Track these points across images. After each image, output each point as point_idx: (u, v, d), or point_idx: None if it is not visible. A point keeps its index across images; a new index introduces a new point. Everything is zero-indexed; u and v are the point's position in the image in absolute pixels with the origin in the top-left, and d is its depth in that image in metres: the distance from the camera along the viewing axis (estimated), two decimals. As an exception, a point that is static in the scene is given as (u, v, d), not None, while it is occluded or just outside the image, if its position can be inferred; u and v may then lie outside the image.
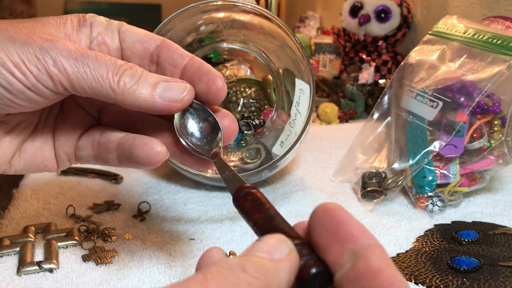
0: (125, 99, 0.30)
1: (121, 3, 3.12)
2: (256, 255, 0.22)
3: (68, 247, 0.46)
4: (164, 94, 0.31)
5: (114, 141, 0.34)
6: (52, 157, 0.36)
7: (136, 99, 0.30)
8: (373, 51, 1.12)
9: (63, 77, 0.29)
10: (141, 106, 0.31)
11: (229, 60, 0.71)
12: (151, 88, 0.30)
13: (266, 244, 0.22)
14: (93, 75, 0.29)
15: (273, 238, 0.23)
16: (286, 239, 0.23)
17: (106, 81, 0.30)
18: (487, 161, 0.54)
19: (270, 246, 0.22)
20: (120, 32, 0.34)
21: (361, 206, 0.56)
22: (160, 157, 0.32)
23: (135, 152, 0.32)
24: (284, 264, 0.21)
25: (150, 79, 0.31)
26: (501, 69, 0.52)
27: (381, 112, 0.63)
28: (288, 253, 0.22)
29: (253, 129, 0.60)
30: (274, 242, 0.22)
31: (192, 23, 0.56)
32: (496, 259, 0.44)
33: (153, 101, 0.30)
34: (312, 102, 0.55)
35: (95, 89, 0.30)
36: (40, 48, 0.29)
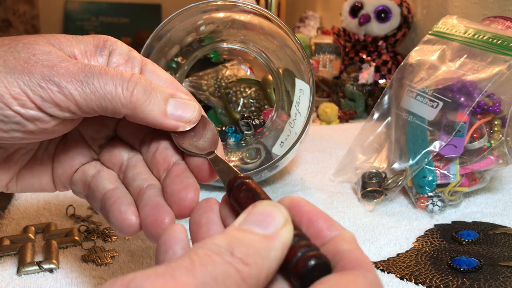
0: (135, 115, 0.29)
1: (121, 3, 3.11)
2: (247, 230, 0.21)
3: (68, 247, 0.46)
4: (175, 113, 0.30)
5: (101, 191, 0.32)
6: (50, 183, 0.34)
7: (147, 116, 0.29)
8: (373, 51, 1.12)
9: (70, 103, 0.28)
10: (151, 122, 0.29)
11: (229, 60, 0.71)
12: (163, 104, 0.29)
13: (260, 213, 0.22)
14: (101, 94, 0.28)
15: (268, 205, 0.22)
16: (281, 207, 0.22)
17: (116, 98, 0.28)
18: (487, 161, 0.54)
19: (264, 216, 0.21)
20: (143, 71, 0.32)
21: (361, 206, 0.56)
22: (132, 230, 0.30)
23: (110, 217, 0.30)
24: (277, 242, 0.21)
25: (161, 93, 0.29)
26: (501, 69, 0.52)
27: (381, 112, 0.63)
28: (282, 223, 0.21)
29: (253, 129, 0.60)
30: (268, 210, 0.22)
31: (192, 23, 0.56)
32: (496, 259, 0.44)
33: (163, 119, 0.29)
34: (312, 102, 0.55)
35: (105, 107, 0.28)
36: (42, 76, 0.27)
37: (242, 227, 0.21)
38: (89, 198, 0.33)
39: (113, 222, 0.30)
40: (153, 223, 0.29)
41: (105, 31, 3.01)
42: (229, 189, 0.26)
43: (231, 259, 0.19)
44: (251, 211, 0.22)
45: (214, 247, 0.20)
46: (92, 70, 0.28)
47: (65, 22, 3.00)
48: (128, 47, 0.32)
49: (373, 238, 0.49)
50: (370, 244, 0.47)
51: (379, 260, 0.44)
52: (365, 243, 0.48)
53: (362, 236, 0.49)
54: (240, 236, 0.21)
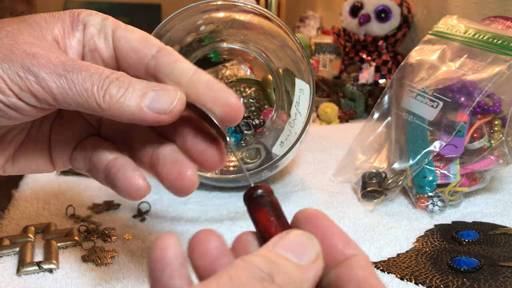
0: (113, 114, 0.28)
1: (121, 3, 3.11)
2: (283, 256, 0.21)
3: (68, 247, 0.46)
4: (153, 106, 0.28)
5: (103, 163, 0.31)
6: (48, 163, 0.34)
7: (124, 113, 0.28)
8: (373, 51, 1.12)
9: (47, 95, 0.28)
10: (130, 119, 0.28)
11: (229, 60, 0.71)
12: (139, 99, 0.28)
13: (296, 242, 0.21)
14: (78, 90, 0.27)
15: (303, 236, 0.22)
16: (314, 239, 0.22)
17: (91, 96, 0.27)
18: (487, 161, 0.54)
19: (299, 246, 0.21)
20: (114, 39, 0.31)
21: (361, 206, 0.56)
22: (140, 193, 0.30)
23: (117, 183, 0.30)
24: (309, 274, 0.21)
25: (138, 89, 0.28)
26: (501, 69, 0.52)
27: (381, 112, 0.63)
28: (315, 258, 0.21)
29: (253, 129, 0.60)
30: (304, 241, 0.21)
31: (192, 23, 0.56)
32: (496, 259, 0.44)
33: (142, 114, 0.28)
34: (312, 102, 0.55)
35: (81, 104, 0.28)
36: (22, 65, 0.27)
37: (277, 251, 0.21)
38: (92, 172, 0.33)
39: (120, 188, 0.30)
40: (177, 178, 0.29)
41: (105, 31, 3.00)
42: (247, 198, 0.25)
43: (271, 286, 0.19)
44: (284, 236, 0.22)
45: (255, 270, 0.20)
46: (73, 65, 0.28)
47: (65, 22, 3.00)
48: (103, 16, 0.32)
49: (373, 238, 0.49)
50: (370, 244, 0.47)
51: (379, 260, 0.44)
52: (365, 243, 0.48)
53: (362, 236, 0.49)
54: (278, 261, 0.20)
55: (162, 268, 0.22)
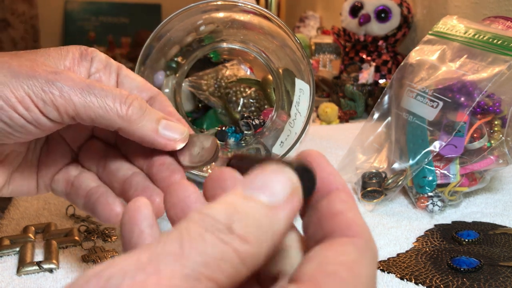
0: (130, 127, 0.31)
1: (121, 3, 3.11)
2: (250, 198, 0.18)
3: (68, 247, 0.46)
4: (165, 132, 0.32)
5: (85, 188, 0.34)
6: (34, 185, 0.36)
7: (140, 130, 0.31)
8: (373, 51, 1.12)
9: (69, 108, 0.30)
10: (142, 137, 0.32)
11: (229, 60, 0.71)
12: (155, 123, 0.32)
13: (267, 177, 0.19)
14: (100, 104, 0.30)
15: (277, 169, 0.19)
16: (291, 172, 0.19)
17: (113, 109, 0.30)
18: (487, 161, 0.54)
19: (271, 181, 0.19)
20: (119, 75, 0.35)
21: (361, 206, 0.56)
22: (119, 219, 0.31)
23: (97, 209, 0.33)
24: (281, 213, 0.18)
25: (154, 114, 0.32)
26: (501, 69, 0.52)
27: (381, 112, 0.63)
28: (289, 192, 0.19)
29: (253, 129, 0.60)
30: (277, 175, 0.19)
31: (192, 23, 0.56)
32: (496, 259, 0.44)
33: (154, 135, 0.32)
34: (312, 102, 0.55)
35: (101, 117, 0.30)
36: (46, 80, 0.29)
37: (245, 192, 0.19)
38: (71, 196, 0.35)
39: (100, 213, 0.33)
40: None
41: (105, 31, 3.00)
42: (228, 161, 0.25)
43: (228, 238, 0.17)
44: (258, 173, 0.19)
45: (210, 222, 0.17)
46: (94, 83, 0.31)
47: (65, 22, 3.00)
48: (106, 56, 0.36)
49: (373, 237, 0.49)
50: (370, 244, 0.47)
51: (379, 260, 0.44)
52: (365, 243, 0.48)
53: (362, 236, 0.49)
54: (242, 205, 0.18)
55: (131, 229, 0.22)
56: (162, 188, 0.33)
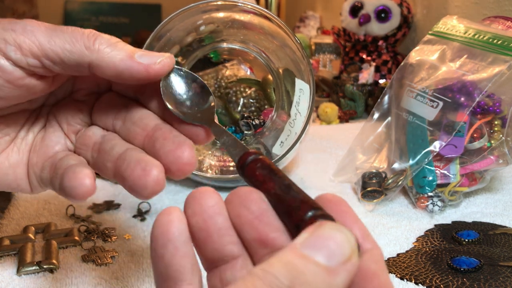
0: (101, 59, 0.28)
1: (121, 3, 3.11)
2: (309, 259, 0.18)
3: (68, 247, 0.46)
4: (142, 58, 0.29)
5: (64, 167, 0.30)
6: (25, 177, 0.33)
7: (112, 59, 0.28)
8: (373, 51, 1.12)
9: (33, 45, 0.27)
10: (118, 68, 0.28)
11: (229, 60, 0.71)
12: (129, 51, 0.29)
13: (322, 236, 0.19)
14: (66, 38, 0.28)
15: (337, 230, 0.19)
16: (347, 230, 0.19)
17: (80, 41, 0.28)
18: (487, 161, 0.54)
19: (331, 243, 0.19)
20: None
21: (361, 206, 0.56)
22: (82, 190, 0.28)
23: (65, 179, 0.29)
24: (339, 277, 0.18)
25: (126, 46, 0.29)
26: (501, 69, 0.52)
27: (381, 112, 0.63)
28: (348, 256, 0.19)
29: (253, 129, 0.60)
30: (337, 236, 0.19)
31: (192, 23, 0.56)
32: (496, 259, 0.44)
33: (130, 62, 0.28)
34: (312, 102, 0.55)
35: (69, 51, 0.28)
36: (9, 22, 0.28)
37: (304, 252, 0.19)
38: (52, 180, 0.31)
39: (66, 185, 0.28)
40: (140, 176, 0.27)
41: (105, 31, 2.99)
42: (241, 165, 0.25)
43: None
44: (314, 232, 0.19)
45: (273, 281, 0.18)
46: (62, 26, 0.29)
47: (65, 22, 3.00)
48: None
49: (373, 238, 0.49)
50: (370, 244, 0.47)
51: (379, 260, 0.44)
52: (365, 243, 0.48)
53: (362, 236, 0.49)
54: (301, 267, 0.18)
55: (164, 244, 0.21)
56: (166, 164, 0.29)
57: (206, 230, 0.23)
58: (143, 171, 0.28)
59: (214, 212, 0.23)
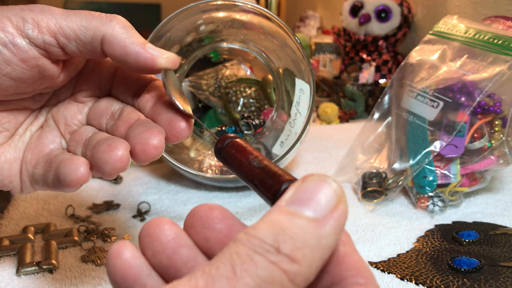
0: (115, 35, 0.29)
1: (121, 3, 3.11)
2: (295, 214, 0.18)
3: (68, 247, 0.46)
4: (151, 49, 0.30)
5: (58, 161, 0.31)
6: (18, 174, 0.34)
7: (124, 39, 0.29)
8: (373, 50, 1.12)
9: (51, 22, 0.29)
10: (127, 50, 0.30)
11: (229, 60, 0.71)
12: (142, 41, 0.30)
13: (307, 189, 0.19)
14: (83, 16, 0.29)
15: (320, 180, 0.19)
16: (331, 179, 0.19)
17: (97, 18, 0.29)
18: (487, 161, 0.54)
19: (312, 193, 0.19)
20: None
21: (362, 206, 0.56)
22: (77, 176, 0.29)
23: (60, 167, 0.30)
24: (328, 226, 0.18)
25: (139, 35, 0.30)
26: (502, 69, 0.52)
27: (382, 112, 0.63)
28: (335, 203, 0.19)
29: (253, 129, 0.60)
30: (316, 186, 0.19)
31: (192, 22, 0.56)
32: (496, 259, 0.44)
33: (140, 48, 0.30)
34: (312, 102, 0.55)
35: (85, 27, 0.29)
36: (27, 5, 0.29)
37: (290, 208, 0.18)
38: (45, 176, 0.32)
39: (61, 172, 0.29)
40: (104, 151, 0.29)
41: (105, 30, 3.01)
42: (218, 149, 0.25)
43: (277, 258, 0.17)
44: (299, 187, 0.19)
45: (257, 243, 0.17)
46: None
47: (65, 22, 3.00)
48: None
49: (373, 238, 0.49)
50: (371, 245, 0.47)
51: (379, 261, 0.44)
52: (366, 243, 0.48)
53: (363, 236, 0.49)
54: (287, 223, 0.18)
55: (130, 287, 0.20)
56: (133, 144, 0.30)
57: (173, 266, 0.22)
58: (108, 146, 0.29)
59: (176, 245, 0.22)
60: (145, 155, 0.30)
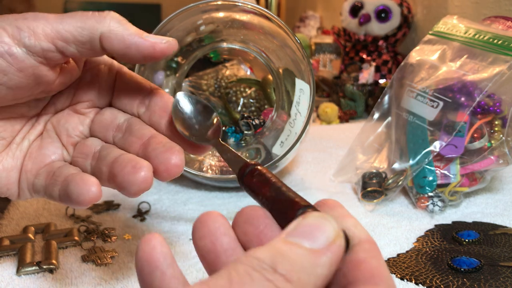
0: (112, 31, 0.29)
1: (121, 3, 3.11)
2: (294, 244, 0.20)
3: (68, 247, 0.46)
4: (149, 36, 0.30)
5: (64, 175, 0.32)
6: (16, 182, 0.34)
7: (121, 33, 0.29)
8: (373, 51, 1.12)
9: (47, 28, 0.29)
10: (126, 42, 0.30)
11: (229, 60, 0.71)
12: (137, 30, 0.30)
13: (310, 225, 0.20)
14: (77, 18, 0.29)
15: (319, 217, 0.20)
16: (331, 218, 0.21)
17: (91, 18, 0.30)
18: (487, 161, 0.54)
19: (314, 228, 0.20)
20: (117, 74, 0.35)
21: (362, 206, 0.56)
22: (90, 196, 0.30)
23: (70, 186, 0.30)
24: (324, 257, 0.19)
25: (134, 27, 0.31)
26: (502, 69, 0.52)
27: (382, 112, 0.63)
28: (332, 238, 0.20)
29: (253, 129, 0.60)
30: (319, 222, 0.20)
31: (192, 23, 0.56)
32: (496, 259, 0.44)
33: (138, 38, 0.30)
34: (312, 102, 0.55)
35: (81, 27, 0.29)
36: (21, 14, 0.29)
37: (289, 239, 0.20)
38: (48, 188, 0.32)
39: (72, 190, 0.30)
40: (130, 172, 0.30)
41: (105, 31, 3.01)
42: (240, 177, 0.26)
43: (273, 277, 0.18)
44: (300, 222, 0.21)
45: (255, 262, 0.19)
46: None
47: (65, 22, 3.01)
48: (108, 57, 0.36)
49: (373, 238, 0.49)
50: (370, 244, 0.47)
51: (379, 261, 0.44)
52: (365, 243, 0.48)
53: (362, 236, 0.49)
54: (286, 250, 0.19)
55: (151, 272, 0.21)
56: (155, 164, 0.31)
57: (214, 251, 0.24)
58: (133, 168, 0.30)
59: (220, 234, 0.24)
60: (168, 174, 0.31)
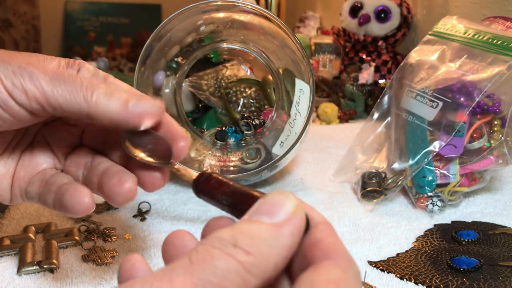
0: (98, 112, 0.30)
1: (121, 3, 3.11)
2: (255, 221, 0.20)
3: (68, 247, 0.46)
4: (136, 107, 0.31)
5: (58, 184, 0.33)
6: (8, 188, 0.35)
7: (108, 112, 0.30)
8: (373, 51, 1.12)
9: (38, 92, 0.30)
10: (113, 120, 0.31)
11: (229, 60, 0.71)
12: (124, 100, 0.31)
13: (267, 202, 0.21)
14: (68, 89, 0.30)
15: (277, 194, 0.21)
16: (290, 194, 0.21)
17: (80, 93, 0.30)
18: (487, 161, 0.54)
19: (271, 205, 0.21)
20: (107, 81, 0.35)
21: (361, 206, 0.56)
22: (83, 207, 0.32)
23: (64, 196, 0.32)
24: (285, 229, 0.20)
25: (121, 96, 0.31)
26: (501, 70, 0.52)
27: (381, 112, 0.63)
28: (292, 210, 0.21)
29: (253, 129, 0.60)
30: (277, 199, 0.21)
31: (192, 23, 0.56)
32: (496, 259, 0.44)
33: (125, 113, 0.31)
34: (312, 102, 0.55)
35: (69, 102, 0.30)
36: (19, 66, 0.30)
37: (251, 218, 0.21)
38: (42, 196, 0.34)
39: (67, 201, 0.32)
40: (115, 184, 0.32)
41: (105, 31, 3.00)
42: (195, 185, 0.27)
43: (233, 251, 0.19)
44: (260, 203, 0.21)
45: (216, 241, 0.19)
46: (65, 73, 0.31)
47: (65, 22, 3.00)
48: (93, 66, 0.36)
49: (373, 238, 0.49)
50: (370, 244, 0.47)
51: (379, 260, 0.45)
52: (365, 243, 0.48)
53: (362, 236, 0.49)
54: (246, 227, 0.20)
55: None
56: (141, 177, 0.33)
57: None
58: (119, 180, 0.32)
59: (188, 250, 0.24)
60: (153, 186, 0.33)
